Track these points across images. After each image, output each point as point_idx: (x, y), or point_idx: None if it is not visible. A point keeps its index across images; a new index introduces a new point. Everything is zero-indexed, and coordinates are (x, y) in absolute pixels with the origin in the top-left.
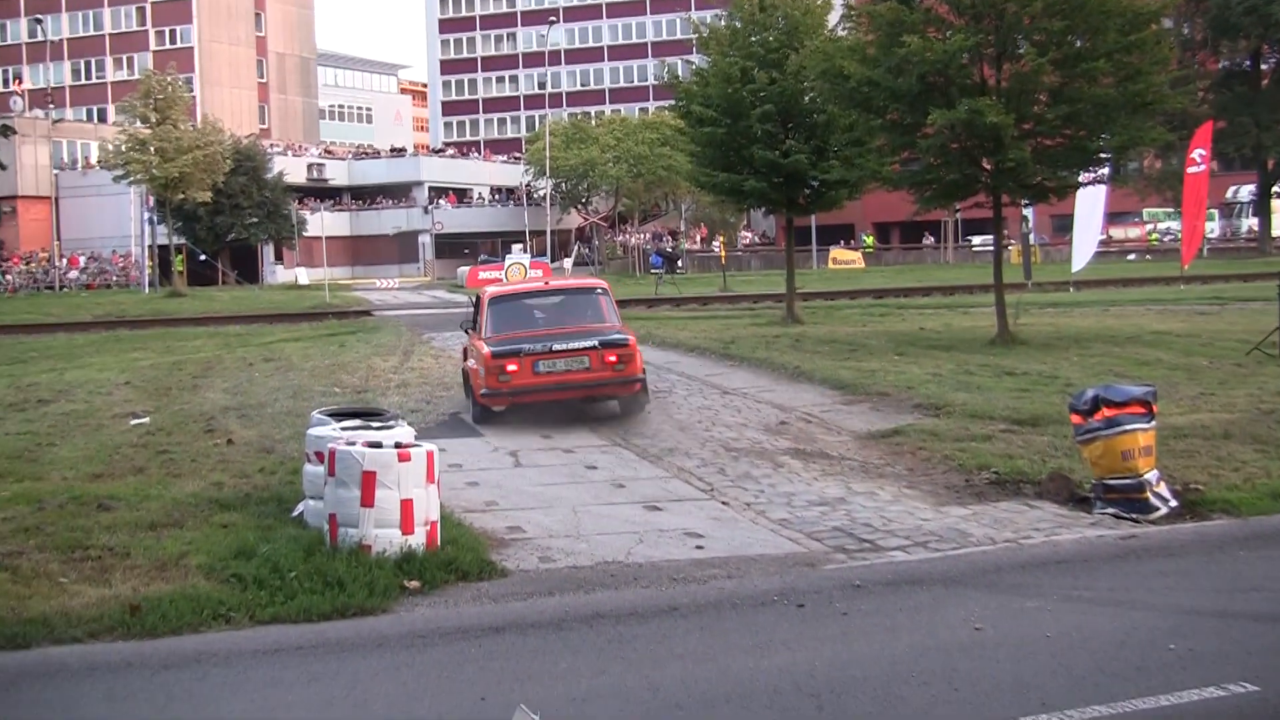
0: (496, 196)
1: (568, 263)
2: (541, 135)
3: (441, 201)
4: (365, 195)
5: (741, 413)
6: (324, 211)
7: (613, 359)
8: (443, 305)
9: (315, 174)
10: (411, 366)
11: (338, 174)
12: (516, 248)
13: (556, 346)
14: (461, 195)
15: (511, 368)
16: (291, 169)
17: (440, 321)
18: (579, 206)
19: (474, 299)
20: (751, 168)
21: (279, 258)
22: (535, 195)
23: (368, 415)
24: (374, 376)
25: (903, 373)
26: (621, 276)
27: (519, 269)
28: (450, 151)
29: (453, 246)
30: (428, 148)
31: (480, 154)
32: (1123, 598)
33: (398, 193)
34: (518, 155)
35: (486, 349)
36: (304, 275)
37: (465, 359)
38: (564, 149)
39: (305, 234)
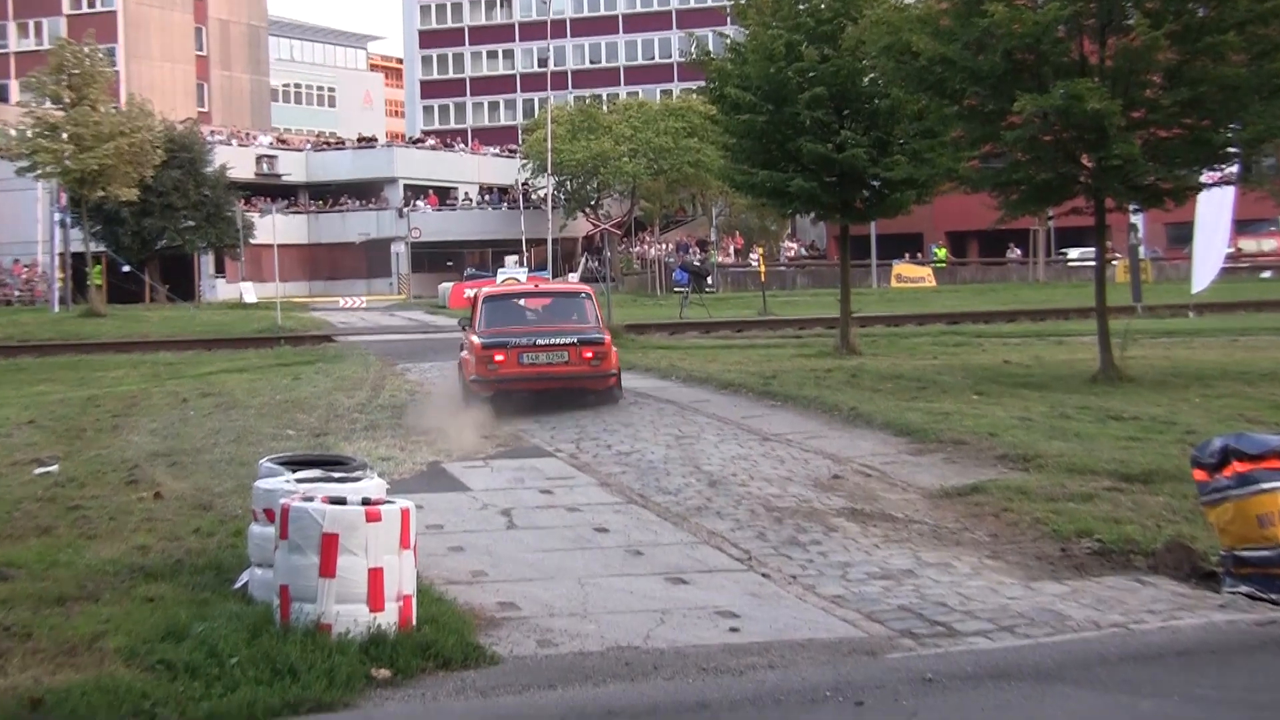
0: (487, 198)
1: (574, 278)
2: (542, 123)
3: (420, 203)
4: (327, 194)
5: (785, 464)
6: (276, 214)
7: (589, 354)
8: (421, 329)
9: (266, 168)
10: (382, 404)
11: (293, 168)
12: (511, 260)
13: (540, 341)
14: (444, 195)
15: (499, 358)
16: (237, 162)
17: (418, 349)
18: (587, 210)
19: (470, 299)
20: (798, 164)
21: (220, 270)
22: (534, 196)
23: (329, 464)
24: (336, 416)
25: (983, 416)
26: (638, 295)
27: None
28: (431, 142)
29: (433, 258)
30: (403, 137)
31: (467, 145)
32: (1262, 699)
33: (366, 192)
34: (513, 148)
35: (477, 340)
36: (250, 291)
37: (460, 351)
38: (569, 140)
39: (253, 241)
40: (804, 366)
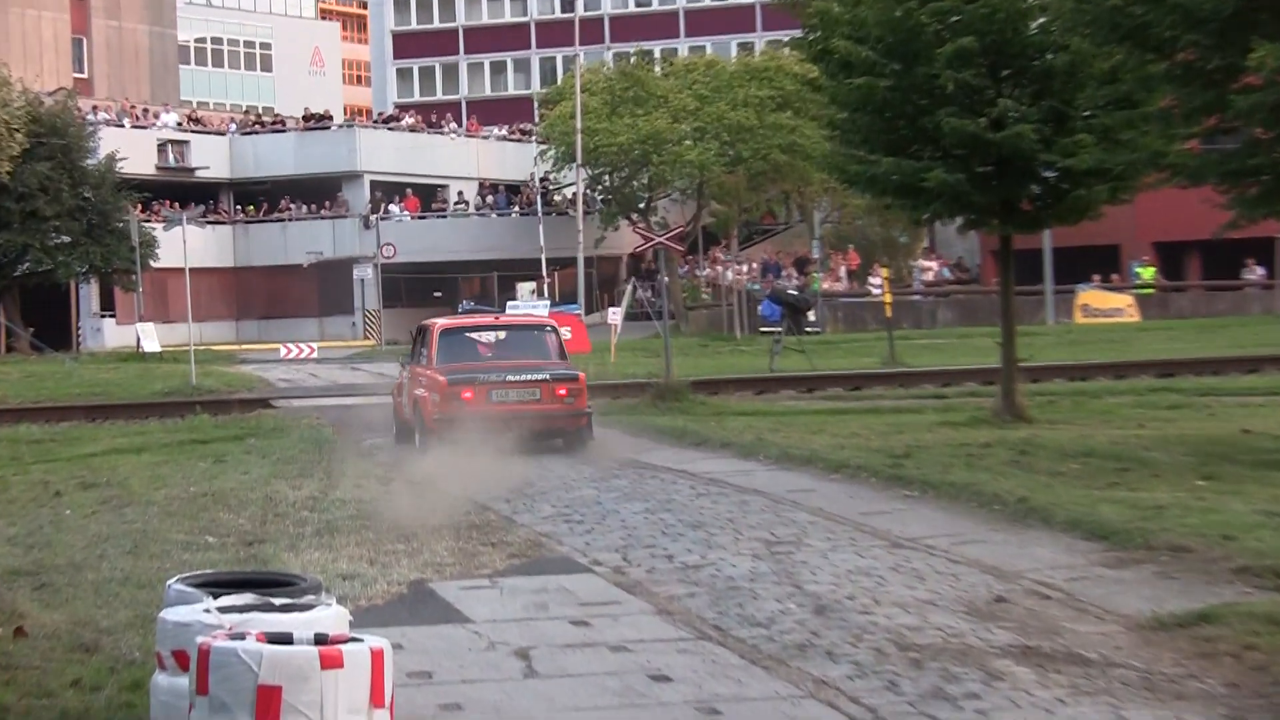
0: (490, 199)
1: (616, 314)
2: (569, 92)
3: (394, 208)
4: (260, 197)
5: (926, 581)
6: (188, 224)
7: (563, 392)
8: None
9: (173, 159)
10: (343, 497)
11: (212, 159)
12: (525, 289)
13: (510, 377)
14: (428, 197)
15: (467, 394)
16: (132, 150)
17: (391, 417)
18: (634, 217)
19: (414, 331)
20: (937, 147)
21: (108, 306)
22: (558, 198)
23: (267, 585)
24: (277, 515)
25: (1214, 511)
26: (709, 338)
27: None
28: (409, 121)
29: (414, 286)
30: (369, 114)
31: (461, 125)
32: None
33: (318, 192)
34: (527, 128)
35: (442, 376)
36: (152, 337)
37: (400, 394)
38: (608, 116)
39: (154, 264)
40: (950, 440)
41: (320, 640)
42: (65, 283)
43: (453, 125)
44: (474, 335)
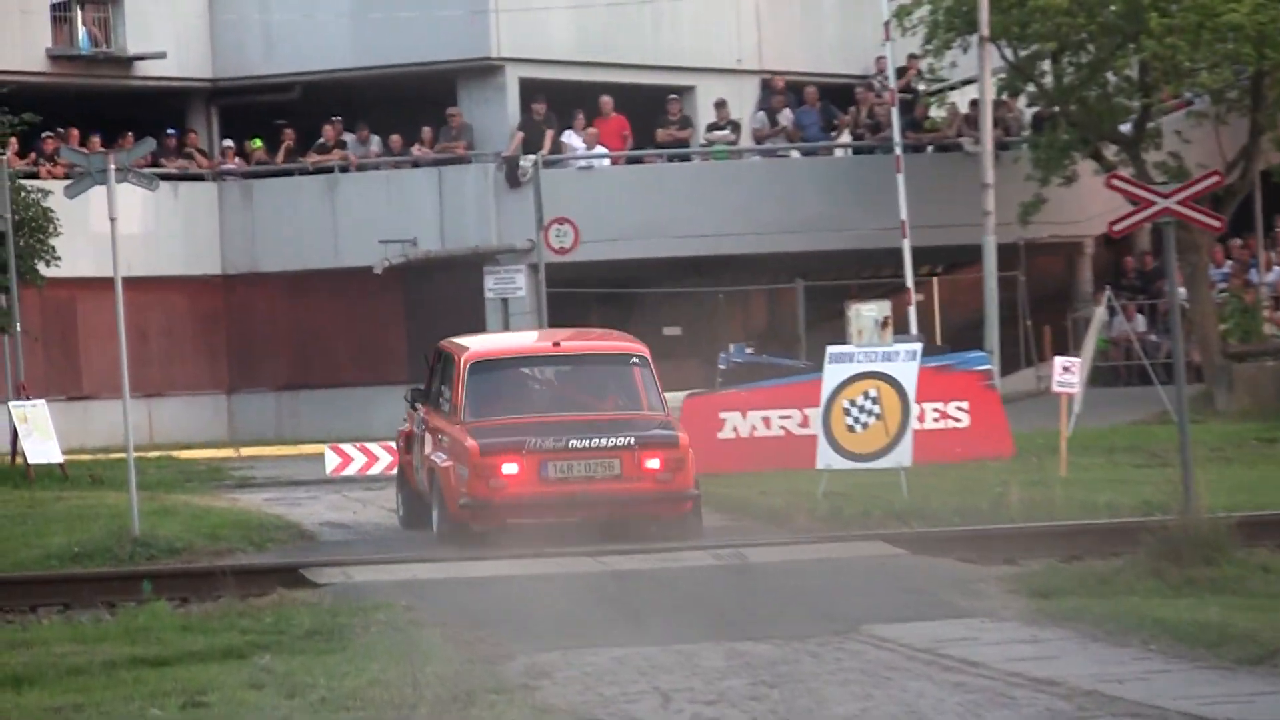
0: (785, 116)
1: (1070, 372)
2: None
3: (573, 140)
4: (281, 121)
5: None
6: (122, 180)
7: (654, 464)
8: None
9: (86, 39)
10: None
11: (173, 40)
12: (868, 316)
13: (575, 442)
14: (647, 115)
15: (509, 469)
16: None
17: (586, 605)
18: (1108, 155)
19: (432, 355)
20: None
21: None
22: (934, 112)
23: None
24: None
25: None
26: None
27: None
28: None
29: (615, 311)
30: None
31: None
32: None
33: (404, 109)
34: None
35: (471, 440)
36: (43, 429)
37: (408, 449)
38: None
39: (49, 271)
40: None
41: None
42: None
43: None
44: (522, 370)
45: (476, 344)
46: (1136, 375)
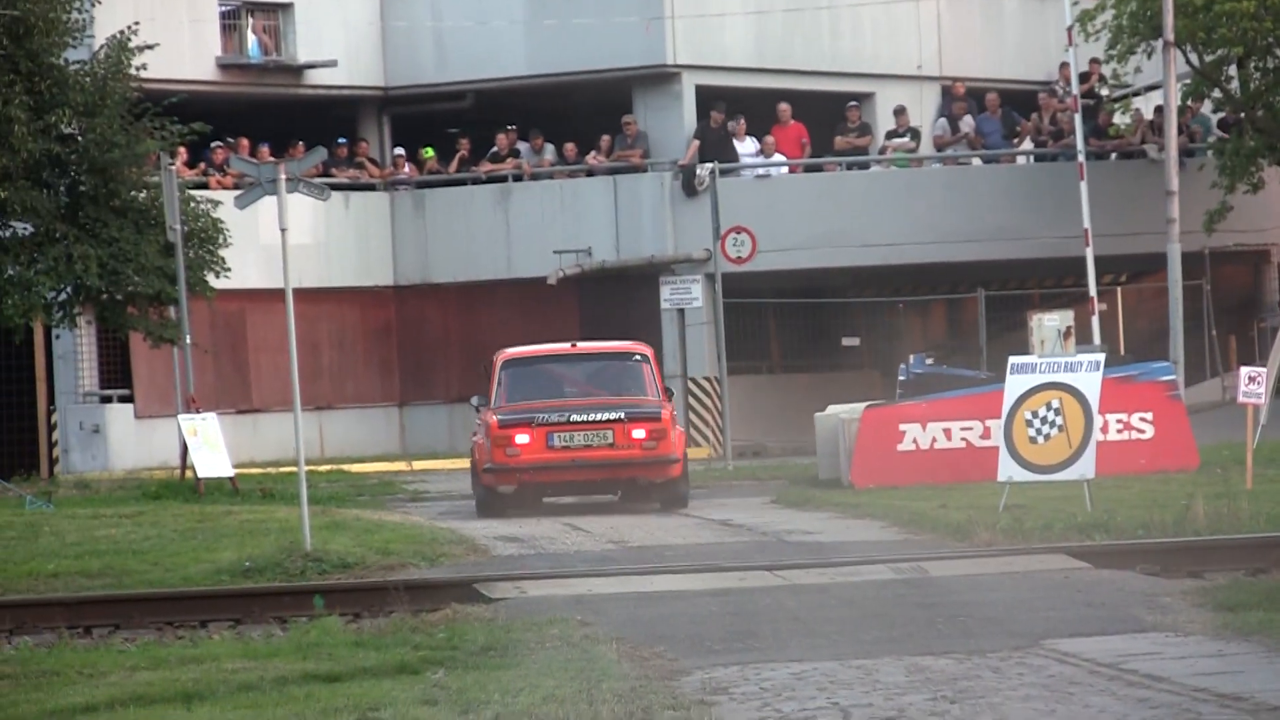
0: (967, 124)
1: (1258, 382)
2: None
3: (749, 148)
4: (455, 130)
5: None
6: (293, 191)
7: (640, 434)
8: (778, 553)
9: (257, 47)
10: None
11: (344, 49)
12: (1050, 326)
13: (575, 417)
14: (825, 123)
15: (521, 439)
16: (167, 30)
17: (772, 619)
18: None
19: (484, 367)
20: None
21: (115, 377)
22: (1119, 118)
23: None
24: None
25: None
26: None
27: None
28: None
29: (796, 322)
30: None
31: None
32: None
33: (580, 118)
34: None
35: (494, 418)
36: (213, 443)
37: (473, 435)
38: None
39: (219, 283)
40: None
41: None
42: (18, 328)
43: None
44: (548, 367)
45: (512, 350)
46: None
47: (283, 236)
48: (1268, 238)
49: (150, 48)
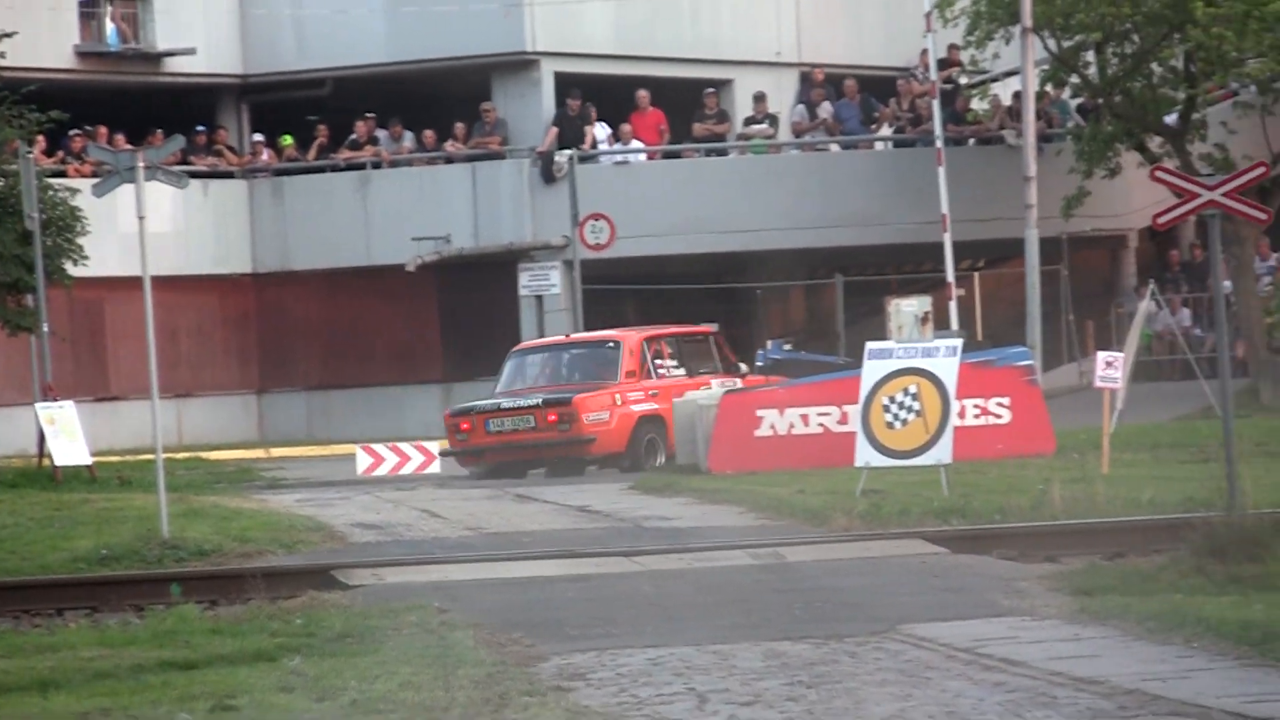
0: (825, 110)
1: (1113, 367)
2: None
3: (603, 134)
4: (314, 117)
5: None
6: (151, 178)
7: (553, 418)
8: (633, 539)
9: (115, 36)
10: None
11: (203, 37)
12: (908, 312)
13: (505, 405)
14: (684, 108)
15: (465, 426)
16: (24, 19)
17: (639, 611)
18: (1152, 147)
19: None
20: None
21: None
22: (976, 104)
23: None
24: None
25: None
26: None
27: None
28: None
29: (656, 308)
30: None
31: None
32: None
33: (439, 104)
34: None
35: (448, 410)
36: (70, 431)
37: None
38: None
39: (77, 271)
40: None
41: None
42: None
43: None
44: (539, 357)
45: (523, 343)
46: (1180, 370)
47: (140, 224)
48: (1125, 223)
49: (8, 36)
